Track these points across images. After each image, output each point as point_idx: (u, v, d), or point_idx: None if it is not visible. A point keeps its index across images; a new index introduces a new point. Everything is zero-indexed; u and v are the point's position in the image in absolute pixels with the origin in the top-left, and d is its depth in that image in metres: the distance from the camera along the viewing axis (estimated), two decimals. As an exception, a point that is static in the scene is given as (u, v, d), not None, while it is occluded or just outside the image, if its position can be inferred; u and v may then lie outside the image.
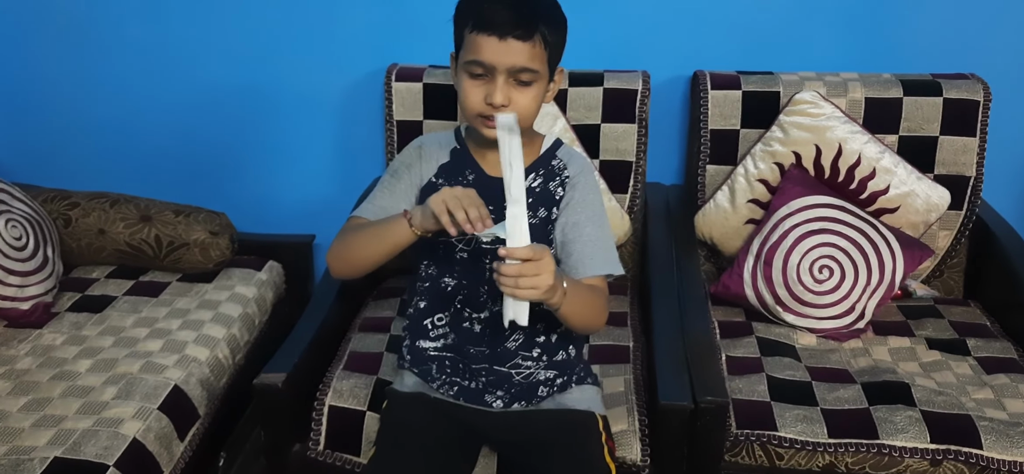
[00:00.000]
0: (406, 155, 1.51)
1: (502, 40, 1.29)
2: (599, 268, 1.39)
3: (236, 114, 2.26)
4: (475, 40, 1.30)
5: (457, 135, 1.51)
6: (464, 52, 1.34)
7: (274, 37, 2.17)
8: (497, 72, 1.31)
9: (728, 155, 1.99)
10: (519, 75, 1.31)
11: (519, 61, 1.30)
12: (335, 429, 1.53)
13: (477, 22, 1.30)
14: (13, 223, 1.82)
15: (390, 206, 1.43)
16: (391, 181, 1.48)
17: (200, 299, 1.92)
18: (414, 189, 1.46)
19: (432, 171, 1.46)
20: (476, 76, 1.33)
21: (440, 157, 1.48)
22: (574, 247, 1.39)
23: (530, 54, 1.30)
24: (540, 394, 1.44)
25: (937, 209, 1.90)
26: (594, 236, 1.41)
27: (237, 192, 2.32)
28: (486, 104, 1.33)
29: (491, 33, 1.29)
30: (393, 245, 1.34)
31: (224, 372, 1.78)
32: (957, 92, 1.90)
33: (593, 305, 1.36)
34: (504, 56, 1.29)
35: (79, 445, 1.42)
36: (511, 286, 1.18)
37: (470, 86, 1.34)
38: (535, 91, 1.34)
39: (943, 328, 1.82)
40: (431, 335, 1.47)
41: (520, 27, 1.28)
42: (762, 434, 1.48)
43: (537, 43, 1.31)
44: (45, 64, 2.26)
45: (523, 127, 1.37)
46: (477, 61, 1.31)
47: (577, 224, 1.41)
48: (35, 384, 1.60)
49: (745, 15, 2.04)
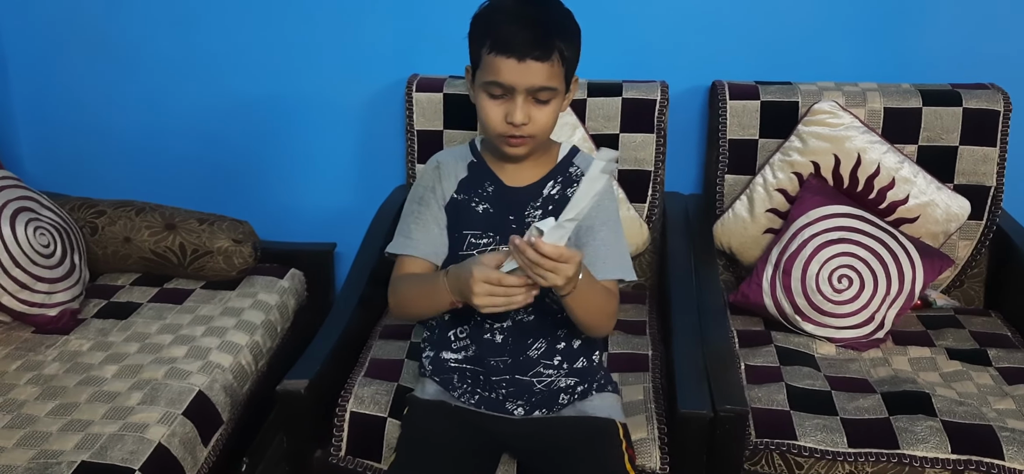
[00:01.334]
0: (426, 178, 1.51)
1: (521, 62, 1.29)
2: (612, 272, 1.40)
3: (260, 124, 2.29)
4: (494, 62, 1.31)
5: (472, 148, 1.52)
6: (482, 72, 1.34)
7: (297, 49, 2.20)
8: (516, 92, 1.31)
9: (747, 165, 2.00)
10: (538, 94, 1.32)
11: (538, 81, 1.31)
12: (356, 435, 1.54)
13: (495, 44, 1.30)
14: (41, 231, 1.85)
15: (423, 238, 1.45)
16: (419, 209, 1.48)
17: (223, 306, 1.94)
18: (441, 209, 1.48)
19: (453, 188, 1.48)
20: (495, 96, 1.34)
21: (458, 172, 1.49)
22: (587, 250, 1.39)
23: (549, 73, 1.31)
24: (561, 401, 1.45)
25: (957, 219, 1.89)
26: (608, 240, 1.42)
27: (260, 201, 2.35)
28: (507, 123, 1.34)
29: (510, 55, 1.29)
30: (442, 311, 1.40)
31: (247, 378, 1.79)
32: (977, 102, 1.90)
33: (602, 305, 1.37)
34: (523, 77, 1.30)
35: (105, 449, 1.44)
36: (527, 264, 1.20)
37: (490, 106, 1.35)
38: (554, 107, 1.36)
39: (964, 338, 1.81)
40: (453, 346, 1.49)
41: (538, 48, 1.29)
42: (781, 443, 1.48)
43: (555, 61, 1.31)
44: (73, 76, 2.31)
45: (540, 143, 1.39)
46: (496, 82, 1.32)
47: (591, 228, 1.41)
48: (62, 389, 1.63)
49: (764, 26, 2.05)
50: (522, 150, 1.39)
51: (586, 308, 1.34)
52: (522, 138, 1.36)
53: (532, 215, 1.43)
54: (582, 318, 1.36)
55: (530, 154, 1.42)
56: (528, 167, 1.45)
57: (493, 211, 1.45)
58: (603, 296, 1.37)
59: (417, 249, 1.45)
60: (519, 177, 1.46)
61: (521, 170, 1.45)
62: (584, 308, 1.33)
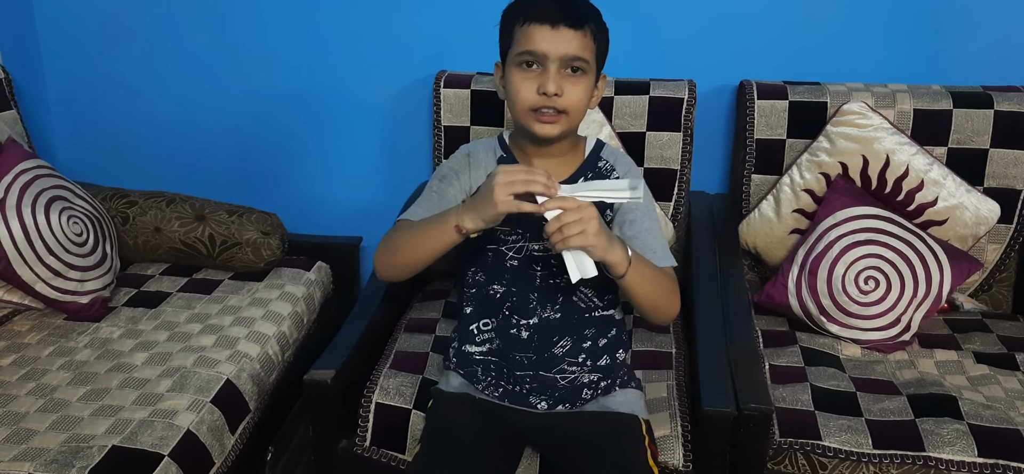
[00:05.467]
0: (455, 161, 1.52)
1: (554, 28, 1.32)
2: (662, 260, 1.42)
3: (289, 117, 2.32)
4: (527, 31, 1.33)
5: (501, 142, 1.52)
6: (515, 46, 1.36)
7: (327, 44, 2.22)
8: (549, 61, 1.33)
9: (774, 165, 1.99)
10: (572, 62, 1.34)
11: (571, 49, 1.33)
12: (381, 426, 1.55)
13: (528, 15, 1.34)
14: (75, 220, 1.88)
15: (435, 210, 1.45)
16: (440, 186, 1.50)
17: (251, 297, 1.96)
18: (463, 195, 1.48)
19: (480, 179, 1.48)
20: (528, 68, 1.35)
21: (488, 164, 1.49)
22: (636, 242, 1.40)
23: (582, 43, 1.33)
24: (584, 397, 1.46)
25: (986, 222, 1.88)
26: (653, 230, 1.45)
27: (288, 194, 2.38)
28: (539, 95, 1.34)
29: (543, 22, 1.32)
30: (440, 247, 1.35)
31: (274, 368, 1.81)
32: (1008, 104, 1.88)
33: (663, 284, 1.39)
34: (556, 45, 1.32)
35: (136, 434, 1.46)
36: (560, 238, 1.21)
37: (521, 79, 1.36)
38: (586, 84, 1.37)
39: (991, 342, 1.79)
40: (477, 340, 1.50)
41: (570, 16, 1.32)
42: (805, 443, 1.48)
43: (587, 34, 1.34)
44: (107, 69, 2.34)
45: (571, 127, 1.39)
46: (529, 51, 1.33)
47: (634, 222, 1.44)
48: (93, 375, 1.65)
49: (792, 25, 2.04)
50: (554, 130, 1.38)
51: (648, 288, 1.35)
52: (555, 113, 1.36)
53: None
54: (645, 299, 1.36)
55: (561, 137, 1.41)
56: (557, 162, 1.46)
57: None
58: (662, 275, 1.39)
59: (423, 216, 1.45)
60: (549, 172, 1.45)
61: (550, 165, 1.45)
62: (646, 288, 1.34)
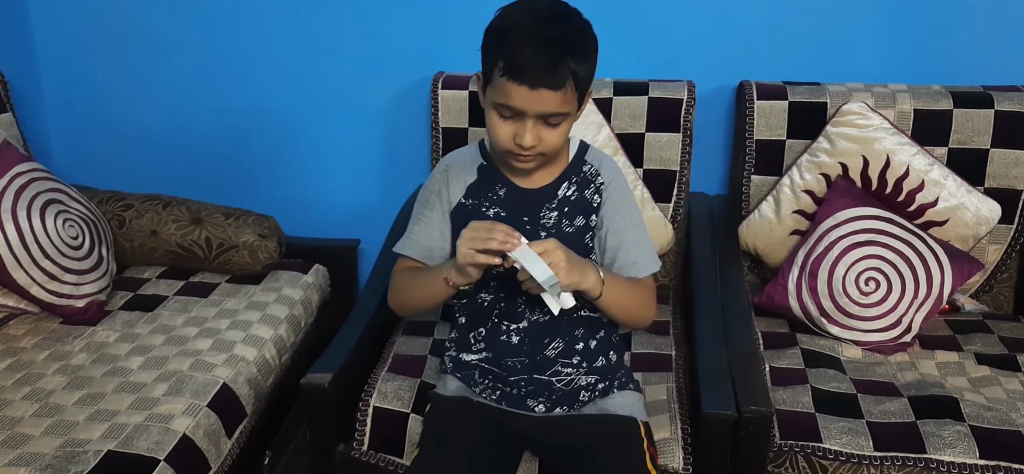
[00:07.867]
0: (433, 182, 1.51)
1: (533, 90, 1.26)
2: (646, 268, 1.45)
3: (286, 120, 2.31)
4: (505, 86, 1.27)
5: (482, 150, 1.50)
6: (493, 91, 1.31)
7: (324, 46, 2.21)
8: (527, 116, 1.30)
9: (773, 166, 1.98)
10: (549, 118, 1.31)
11: (549, 108, 1.28)
12: (379, 430, 1.54)
13: (508, 69, 1.26)
14: (70, 223, 1.87)
15: (426, 239, 1.49)
16: (424, 212, 1.50)
17: (248, 300, 1.95)
18: (446, 215, 1.48)
19: (460, 193, 1.47)
20: (505, 117, 1.32)
21: (467, 177, 1.47)
22: (620, 253, 1.43)
23: (561, 101, 1.28)
24: (582, 399, 1.45)
25: (987, 223, 1.87)
26: (637, 238, 1.46)
27: (285, 196, 2.37)
28: (515, 143, 1.33)
29: (522, 83, 1.25)
30: (441, 297, 1.43)
31: (271, 372, 1.80)
32: (1009, 104, 1.87)
33: (637, 296, 1.44)
34: (534, 104, 1.27)
35: (131, 439, 1.45)
36: (533, 284, 1.27)
37: (499, 124, 1.33)
38: (564, 127, 1.34)
39: (992, 343, 1.78)
40: (473, 349, 1.50)
41: (551, 76, 1.25)
42: (806, 445, 1.47)
43: (568, 89, 1.28)
44: (103, 70, 2.33)
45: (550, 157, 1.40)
46: (507, 105, 1.29)
47: (619, 231, 1.44)
48: (89, 379, 1.64)
49: (792, 25, 2.03)
50: (530, 165, 1.38)
51: (622, 302, 1.41)
52: (530, 157, 1.35)
53: (547, 217, 1.43)
54: (620, 314, 1.43)
55: (538, 169, 1.42)
56: (540, 169, 1.44)
57: (505, 215, 1.43)
58: (633, 291, 1.43)
59: (414, 250, 1.49)
60: (532, 179, 1.44)
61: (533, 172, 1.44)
62: (620, 303, 1.41)
